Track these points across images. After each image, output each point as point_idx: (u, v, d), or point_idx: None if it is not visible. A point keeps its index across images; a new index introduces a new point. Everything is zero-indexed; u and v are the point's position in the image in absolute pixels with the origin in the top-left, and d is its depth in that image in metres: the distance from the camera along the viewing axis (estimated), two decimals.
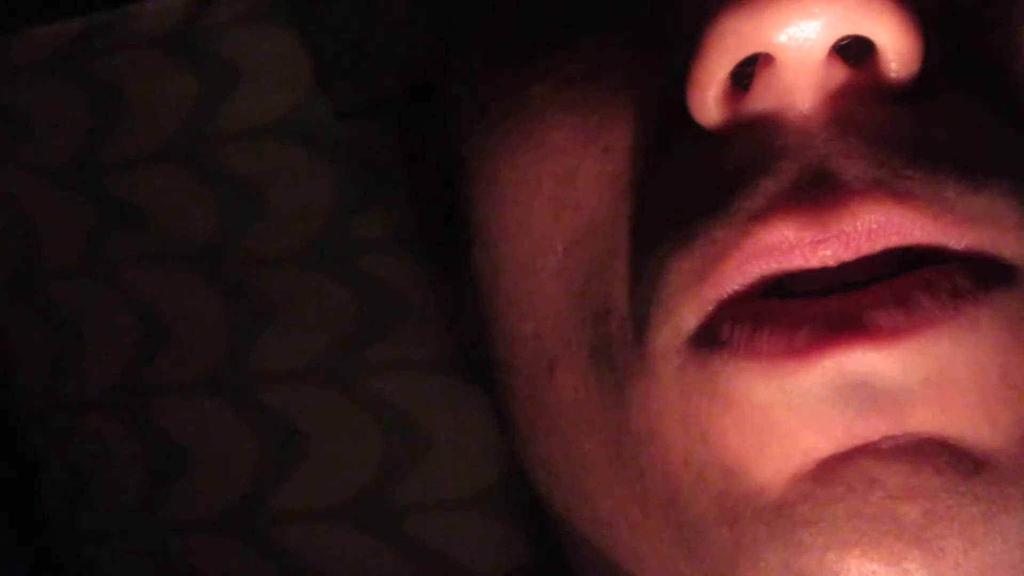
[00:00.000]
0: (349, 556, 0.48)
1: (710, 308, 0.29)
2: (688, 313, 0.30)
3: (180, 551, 0.49)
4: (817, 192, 0.28)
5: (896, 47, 0.28)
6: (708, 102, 0.29)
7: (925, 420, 0.28)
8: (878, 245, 0.28)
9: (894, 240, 0.28)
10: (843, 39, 0.28)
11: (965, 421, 0.28)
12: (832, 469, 0.29)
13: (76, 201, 0.51)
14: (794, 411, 0.29)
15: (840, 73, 0.29)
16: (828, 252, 0.28)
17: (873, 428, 0.28)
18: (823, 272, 0.29)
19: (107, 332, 0.51)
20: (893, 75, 0.29)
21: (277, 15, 0.51)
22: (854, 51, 0.29)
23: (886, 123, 0.29)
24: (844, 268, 0.29)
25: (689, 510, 0.31)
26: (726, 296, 0.29)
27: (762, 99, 0.29)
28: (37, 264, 0.52)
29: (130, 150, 0.51)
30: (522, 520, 0.48)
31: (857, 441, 0.29)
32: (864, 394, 0.28)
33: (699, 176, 0.30)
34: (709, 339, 0.29)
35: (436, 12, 0.50)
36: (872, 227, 0.28)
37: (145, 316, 0.50)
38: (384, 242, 0.50)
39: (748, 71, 0.29)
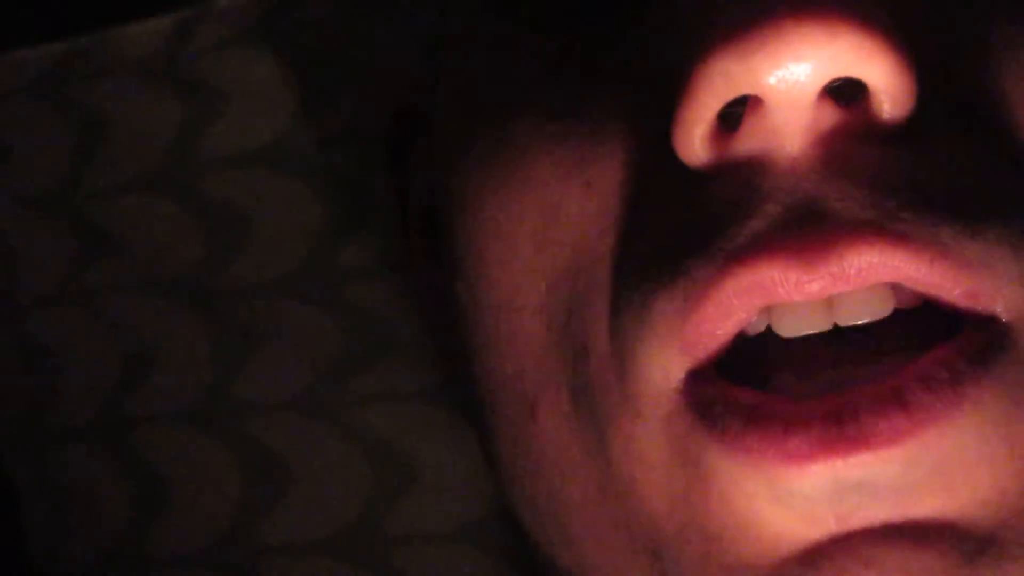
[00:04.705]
0: None
1: (700, 355, 0.29)
2: (675, 355, 0.29)
3: None
4: (804, 232, 0.28)
5: (889, 88, 0.28)
6: (694, 142, 0.29)
7: (932, 507, 0.28)
8: (868, 281, 0.28)
9: (885, 277, 0.28)
10: (834, 80, 0.28)
11: (974, 500, 0.28)
12: (824, 553, 0.28)
13: (57, 228, 0.51)
14: (782, 506, 0.28)
15: (831, 114, 0.28)
16: (815, 287, 0.28)
17: (872, 517, 0.28)
18: (821, 341, 0.28)
19: (89, 362, 0.50)
20: (886, 116, 0.28)
21: (262, 40, 0.51)
22: (846, 91, 0.28)
23: (879, 165, 0.28)
24: (843, 350, 0.28)
25: (673, 566, 0.30)
26: (716, 341, 0.29)
27: (750, 141, 0.29)
28: (17, 292, 0.51)
29: (112, 177, 0.51)
30: (511, 554, 0.47)
31: (853, 528, 0.28)
32: (862, 491, 0.27)
33: (684, 215, 0.29)
34: (699, 411, 0.29)
35: (423, 40, 0.49)
36: (862, 267, 0.28)
37: (127, 346, 0.50)
38: (370, 271, 0.49)
39: (736, 111, 0.28)
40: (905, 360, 0.28)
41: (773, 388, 0.29)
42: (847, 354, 0.29)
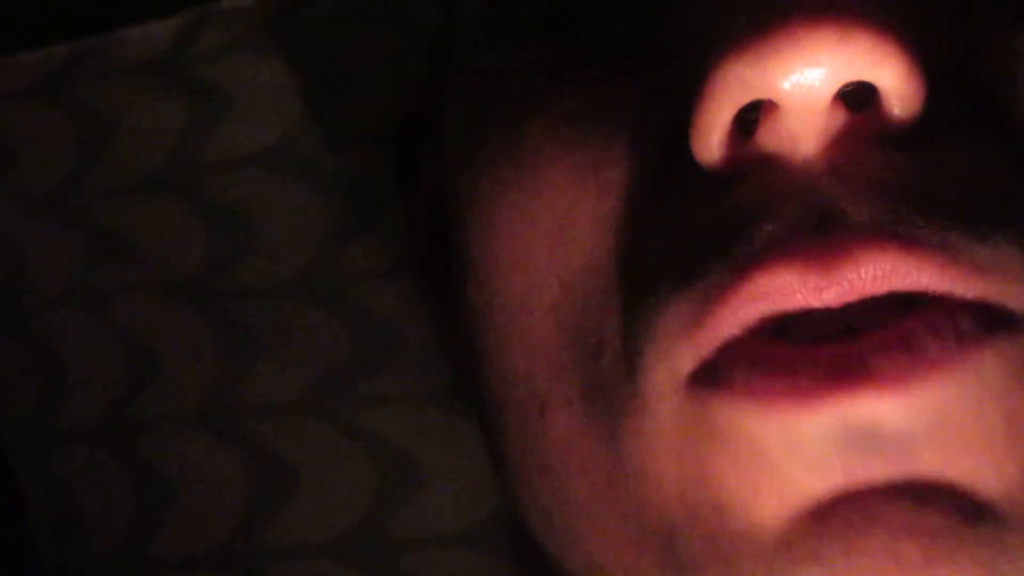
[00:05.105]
0: None
1: (710, 350, 0.29)
2: (686, 354, 0.29)
3: None
4: (820, 237, 0.28)
5: (898, 90, 0.28)
6: (712, 145, 0.29)
7: (931, 466, 0.28)
8: (883, 289, 0.28)
9: (899, 285, 0.28)
10: (846, 85, 0.28)
11: (971, 467, 0.28)
12: (832, 507, 0.28)
13: (62, 230, 0.51)
14: (794, 453, 0.28)
15: (843, 118, 0.28)
16: (831, 295, 0.28)
17: (876, 472, 0.28)
18: (827, 314, 0.28)
19: (93, 364, 0.50)
20: (896, 118, 0.28)
21: (267, 43, 0.51)
22: (856, 96, 0.28)
23: (890, 169, 0.28)
24: (849, 308, 0.28)
25: (683, 550, 0.30)
26: (726, 338, 0.29)
27: (765, 144, 0.29)
28: (23, 294, 0.51)
29: (117, 178, 0.51)
30: (516, 557, 0.47)
31: (859, 484, 0.28)
32: (868, 440, 0.28)
33: (699, 218, 0.30)
34: (708, 379, 0.29)
35: (430, 42, 0.49)
36: (877, 275, 0.28)
37: (133, 347, 0.50)
38: (376, 273, 0.49)
39: (752, 117, 0.29)
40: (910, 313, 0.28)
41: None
42: (850, 307, 0.29)
